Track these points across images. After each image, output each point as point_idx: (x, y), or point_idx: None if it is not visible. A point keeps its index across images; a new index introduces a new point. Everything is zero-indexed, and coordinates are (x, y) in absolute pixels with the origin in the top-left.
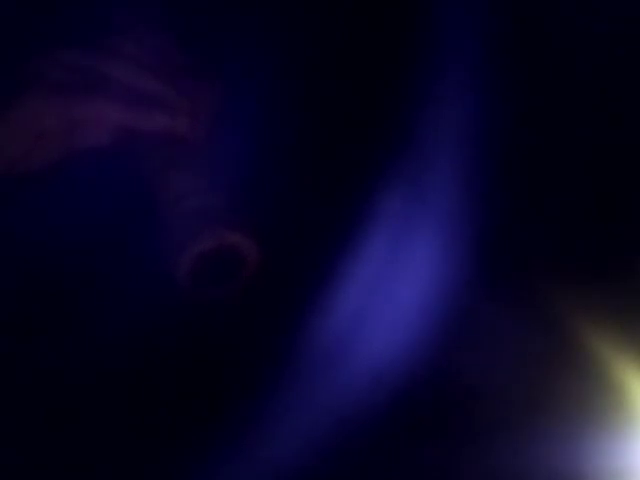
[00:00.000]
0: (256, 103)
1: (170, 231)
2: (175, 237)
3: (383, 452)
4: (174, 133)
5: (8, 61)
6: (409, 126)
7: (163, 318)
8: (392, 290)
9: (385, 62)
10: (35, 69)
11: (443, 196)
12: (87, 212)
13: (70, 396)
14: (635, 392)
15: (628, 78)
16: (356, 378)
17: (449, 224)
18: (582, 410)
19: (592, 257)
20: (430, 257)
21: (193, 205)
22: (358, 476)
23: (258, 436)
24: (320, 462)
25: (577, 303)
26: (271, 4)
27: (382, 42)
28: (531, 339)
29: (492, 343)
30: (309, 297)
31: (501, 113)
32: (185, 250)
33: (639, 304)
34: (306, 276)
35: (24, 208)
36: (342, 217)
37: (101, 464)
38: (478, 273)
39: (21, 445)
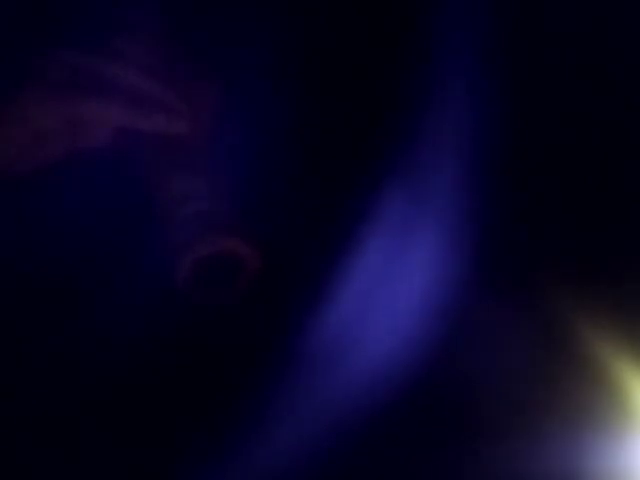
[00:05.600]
0: (257, 105)
1: (171, 234)
2: (176, 240)
3: (383, 453)
4: (174, 135)
5: (8, 61)
6: (409, 127)
7: (163, 322)
8: (392, 291)
9: (386, 62)
10: (35, 69)
11: (443, 196)
12: (87, 214)
13: (69, 399)
14: (635, 393)
15: (630, 78)
16: (356, 379)
17: (449, 224)
18: (582, 410)
19: (593, 257)
20: (430, 257)
21: (194, 208)
22: (357, 477)
23: (258, 438)
24: (320, 462)
25: (578, 303)
26: (272, 4)
27: (383, 42)
28: (531, 339)
29: (492, 343)
30: (310, 299)
31: (502, 113)
32: (186, 254)
33: (639, 305)
34: (306, 278)
35: (23, 209)
36: (343, 219)
37: (101, 464)
38: (478, 273)
39: (20, 445)
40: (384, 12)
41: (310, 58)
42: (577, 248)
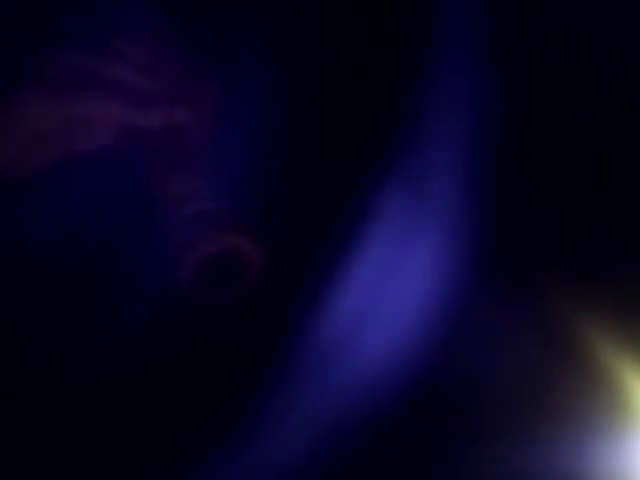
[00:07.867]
0: (257, 105)
1: (171, 234)
2: (176, 240)
3: (383, 453)
4: (174, 135)
5: (8, 61)
6: (410, 126)
7: (164, 321)
8: (393, 291)
9: (386, 62)
10: (35, 69)
11: (444, 196)
12: (87, 214)
13: (69, 399)
14: (636, 393)
15: (630, 78)
16: (356, 379)
17: (450, 224)
18: (582, 410)
19: (593, 257)
20: (430, 257)
21: (194, 208)
22: (357, 477)
23: (258, 438)
24: (320, 462)
25: (578, 303)
26: (272, 4)
27: (383, 42)
28: (531, 339)
29: (492, 343)
30: (310, 299)
31: (502, 113)
32: (185, 254)
33: (639, 305)
34: (307, 278)
35: (23, 209)
36: (343, 219)
37: (101, 464)
38: (478, 273)
39: (20, 445)
40: (384, 12)
41: (310, 58)
42: (577, 248)
